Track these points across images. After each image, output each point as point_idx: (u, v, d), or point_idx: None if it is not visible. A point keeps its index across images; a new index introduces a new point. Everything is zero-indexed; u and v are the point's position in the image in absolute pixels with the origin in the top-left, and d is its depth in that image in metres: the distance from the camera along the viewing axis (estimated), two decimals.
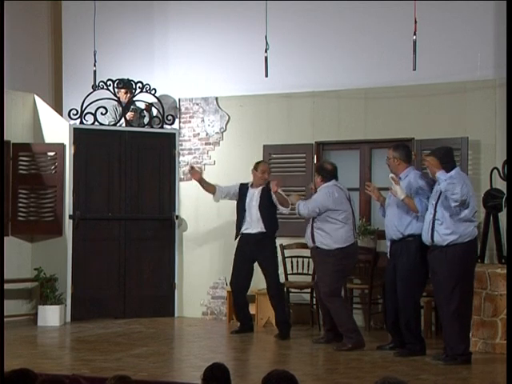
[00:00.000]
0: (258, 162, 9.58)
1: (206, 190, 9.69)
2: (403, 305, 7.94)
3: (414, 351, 7.92)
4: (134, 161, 10.64)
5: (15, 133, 10.38)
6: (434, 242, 7.55)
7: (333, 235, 8.48)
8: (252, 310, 9.92)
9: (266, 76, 8.77)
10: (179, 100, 10.99)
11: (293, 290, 9.98)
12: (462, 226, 7.47)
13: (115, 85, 10.61)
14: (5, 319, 8.69)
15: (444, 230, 7.48)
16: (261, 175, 9.36)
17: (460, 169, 7.86)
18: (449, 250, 7.46)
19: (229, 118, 10.73)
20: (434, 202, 7.63)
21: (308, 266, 9.96)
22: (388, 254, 8.21)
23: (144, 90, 10.68)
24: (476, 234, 7.68)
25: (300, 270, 10.03)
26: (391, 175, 7.94)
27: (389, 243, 8.16)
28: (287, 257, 9.99)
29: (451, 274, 7.43)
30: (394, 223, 7.99)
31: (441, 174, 7.50)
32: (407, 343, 7.99)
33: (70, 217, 10.24)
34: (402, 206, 7.94)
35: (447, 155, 7.63)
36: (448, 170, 7.53)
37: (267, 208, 9.26)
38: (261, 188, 9.33)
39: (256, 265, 9.37)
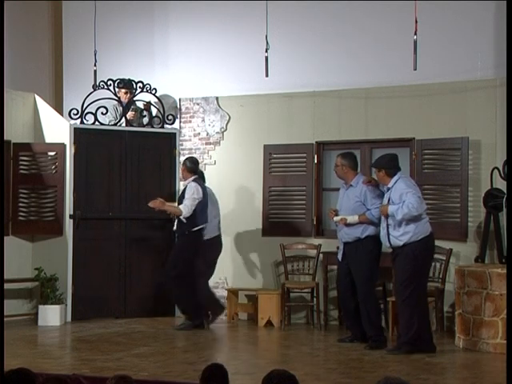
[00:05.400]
0: None
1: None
2: (365, 300, 8.27)
3: (380, 344, 8.20)
4: (135, 161, 10.64)
5: (15, 132, 10.38)
6: (391, 245, 7.97)
7: None
8: (252, 309, 9.94)
9: (267, 76, 8.77)
10: (180, 100, 10.99)
11: (293, 289, 9.98)
12: (413, 225, 7.86)
13: (116, 84, 10.61)
14: (5, 319, 8.70)
15: (397, 233, 7.90)
16: None
17: (403, 173, 8.20)
18: (405, 248, 7.90)
19: (229, 117, 10.73)
20: None
21: (308, 266, 9.96)
22: (340, 256, 8.50)
23: (144, 89, 10.68)
24: (429, 230, 8.01)
25: (300, 270, 10.03)
26: (335, 220, 8.38)
27: (341, 245, 8.46)
28: (287, 257, 9.99)
29: (404, 268, 7.87)
30: (349, 231, 8.35)
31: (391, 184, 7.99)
32: (371, 336, 8.26)
33: (71, 216, 10.24)
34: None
35: (391, 161, 8.08)
36: (392, 175, 7.98)
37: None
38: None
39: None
